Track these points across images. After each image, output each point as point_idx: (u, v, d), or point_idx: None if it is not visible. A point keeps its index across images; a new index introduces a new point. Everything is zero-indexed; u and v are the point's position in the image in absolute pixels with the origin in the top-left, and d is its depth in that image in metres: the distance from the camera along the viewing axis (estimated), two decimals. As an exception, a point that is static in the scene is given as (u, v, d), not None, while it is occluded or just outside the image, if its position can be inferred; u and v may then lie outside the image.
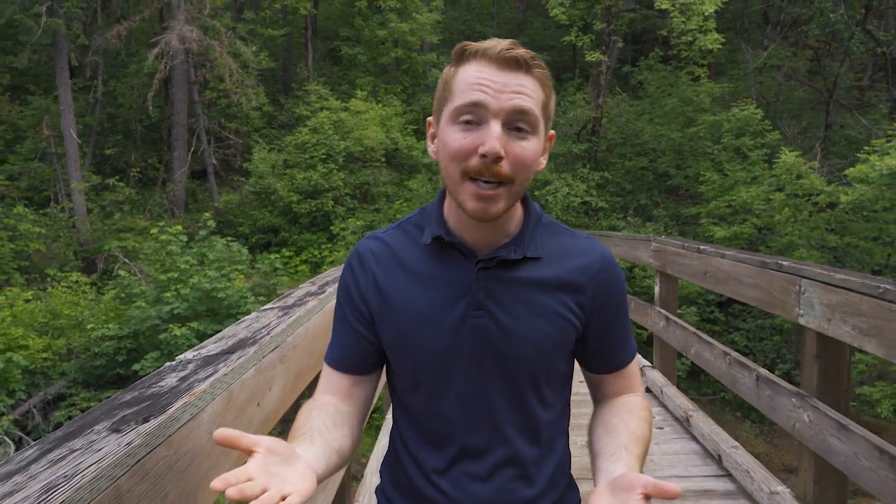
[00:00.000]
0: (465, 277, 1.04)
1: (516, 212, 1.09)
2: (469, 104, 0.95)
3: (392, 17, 17.45)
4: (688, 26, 11.76)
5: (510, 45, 0.96)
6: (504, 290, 1.04)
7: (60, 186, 14.23)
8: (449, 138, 0.97)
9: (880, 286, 1.63)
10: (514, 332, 1.03)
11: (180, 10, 14.11)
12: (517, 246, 1.05)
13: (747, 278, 2.43)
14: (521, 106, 0.95)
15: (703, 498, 2.42)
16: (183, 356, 1.19)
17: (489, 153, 0.93)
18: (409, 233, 1.12)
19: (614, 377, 1.16)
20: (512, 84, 0.95)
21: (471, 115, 0.96)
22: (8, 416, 9.08)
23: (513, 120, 0.95)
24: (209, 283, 9.96)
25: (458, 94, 0.97)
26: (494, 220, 1.01)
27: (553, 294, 1.05)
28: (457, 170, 0.97)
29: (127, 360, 9.96)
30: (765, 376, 2.32)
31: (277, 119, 18.16)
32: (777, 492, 2.16)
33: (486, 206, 0.96)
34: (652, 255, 3.80)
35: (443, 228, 1.06)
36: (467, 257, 1.05)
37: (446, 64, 12.69)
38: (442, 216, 1.09)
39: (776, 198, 11.14)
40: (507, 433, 1.05)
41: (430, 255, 1.07)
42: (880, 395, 9.42)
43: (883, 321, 1.61)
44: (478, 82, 0.95)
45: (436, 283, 1.05)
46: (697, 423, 2.89)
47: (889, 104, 14.16)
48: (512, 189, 0.98)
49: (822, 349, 1.98)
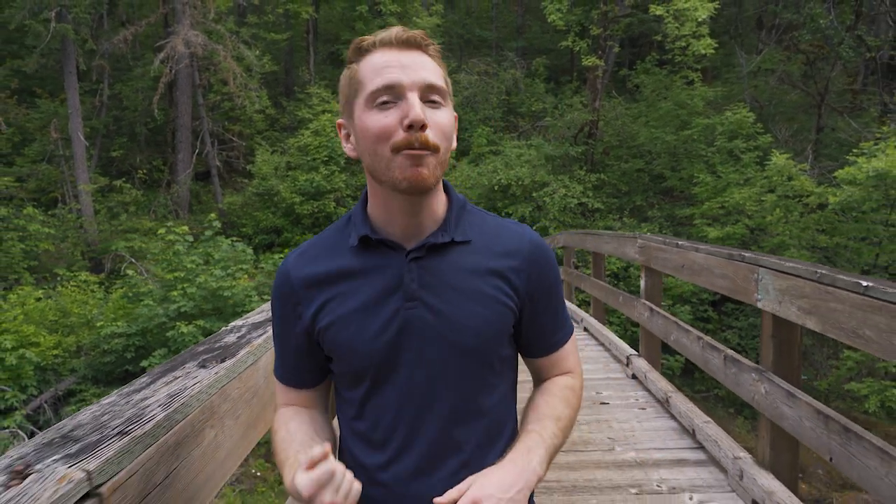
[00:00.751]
0: (397, 271, 1.04)
1: (440, 200, 1.09)
2: (383, 87, 0.97)
3: (393, 21, 17.75)
4: (681, 32, 12.04)
5: (403, 30, 1.01)
6: (436, 278, 1.04)
7: (68, 188, 14.51)
8: (370, 122, 0.98)
9: (818, 272, 1.91)
10: (450, 320, 1.02)
11: (185, 16, 14.39)
12: (444, 231, 1.06)
13: (717, 269, 2.72)
14: (430, 80, 0.98)
15: (677, 466, 2.71)
16: (234, 323, 1.47)
17: (415, 121, 0.94)
18: (335, 238, 1.11)
19: (550, 360, 1.17)
20: (416, 62, 0.99)
21: (387, 96, 0.97)
22: (21, 410, 9.29)
23: (426, 94, 0.98)
24: (215, 282, 10.20)
25: (368, 81, 0.99)
26: (425, 191, 1.00)
27: (486, 278, 1.05)
28: (385, 148, 0.97)
29: (135, 356, 10.15)
30: (731, 356, 2.60)
31: (280, 122, 18.45)
32: (740, 457, 2.45)
33: (418, 170, 0.96)
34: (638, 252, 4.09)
35: (368, 227, 1.06)
36: (396, 251, 1.05)
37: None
38: (366, 216, 1.09)
39: (768, 199, 11.39)
40: (451, 423, 1.04)
41: (359, 255, 1.06)
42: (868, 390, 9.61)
43: (820, 301, 1.89)
44: (385, 65, 0.97)
45: (367, 282, 1.04)
46: (676, 403, 3.18)
47: (879, 107, 14.44)
48: (438, 158, 0.99)
49: (776, 329, 2.26)
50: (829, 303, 1.83)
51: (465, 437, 1.05)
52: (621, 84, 18.32)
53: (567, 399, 1.13)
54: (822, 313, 1.87)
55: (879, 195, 9.74)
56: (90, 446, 0.74)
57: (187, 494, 0.93)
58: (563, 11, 13.74)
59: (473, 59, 20.27)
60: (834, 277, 1.81)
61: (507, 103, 19.05)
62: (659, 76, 15.88)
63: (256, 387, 1.23)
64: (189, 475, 0.93)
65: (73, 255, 13.50)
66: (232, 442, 1.09)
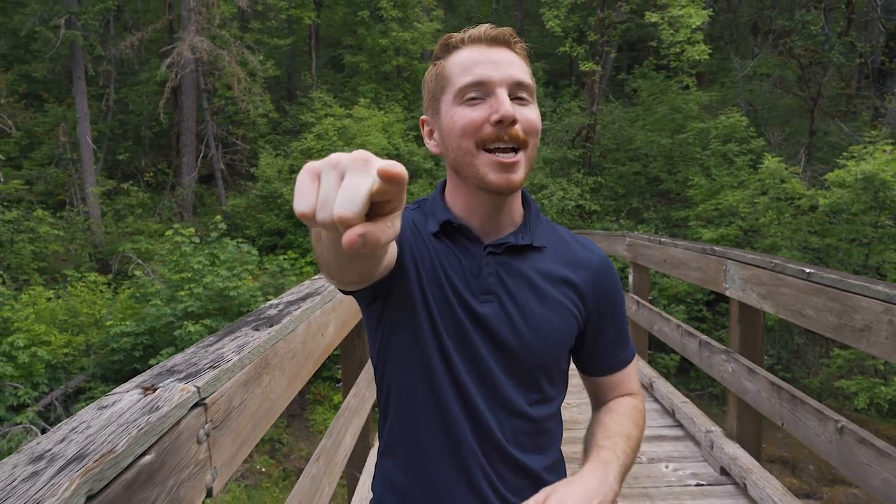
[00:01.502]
0: (474, 262, 1.04)
1: (518, 203, 1.10)
2: (472, 83, 0.97)
3: (394, 26, 18.06)
4: (676, 38, 12.33)
5: (492, 27, 1.01)
6: (511, 277, 1.04)
7: (76, 191, 14.80)
8: (457, 117, 0.98)
9: (773, 261, 2.20)
10: (522, 320, 1.02)
11: (191, 22, 14.69)
12: (524, 234, 1.07)
13: (693, 262, 3.00)
14: (519, 77, 0.98)
15: (656, 441, 3.00)
16: (271, 301, 1.75)
17: (505, 117, 0.94)
18: (419, 217, 1.11)
19: (612, 380, 1.15)
20: (505, 59, 0.99)
21: (475, 92, 0.97)
22: (33, 407, 9.52)
23: (514, 91, 0.98)
24: (222, 283, 10.46)
25: (457, 77, 0.99)
26: (514, 192, 1.01)
27: (557, 286, 1.06)
28: (470, 143, 0.97)
29: (143, 355, 10.38)
30: (705, 341, 2.89)
31: (282, 125, 18.74)
32: (711, 430, 2.73)
33: (508, 175, 0.96)
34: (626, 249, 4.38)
35: (450, 214, 1.06)
36: (474, 243, 1.05)
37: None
38: (445, 205, 1.09)
39: (761, 201, 11.67)
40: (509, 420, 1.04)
41: (436, 242, 1.06)
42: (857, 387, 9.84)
43: (773, 287, 2.17)
44: (474, 62, 0.98)
45: (445, 268, 1.04)
46: (658, 387, 3.47)
47: (871, 112, 14.73)
48: (527, 154, 0.99)
49: (742, 314, 2.55)
50: (781, 288, 2.11)
51: (517, 440, 1.04)
52: (619, 88, 18.61)
53: (635, 419, 1.10)
54: (775, 297, 2.16)
55: (868, 197, 10.01)
56: (191, 375, 1.03)
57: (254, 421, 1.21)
58: (560, 18, 14.05)
59: (473, 63, 20.49)
60: (784, 266, 2.09)
61: (507, 107, 19.30)
62: (656, 80, 16.18)
63: (296, 349, 1.51)
64: (254, 406, 1.21)
65: (81, 257, 13.78)
66: (280, 389, 1.37)
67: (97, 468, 0.70)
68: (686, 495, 2.40)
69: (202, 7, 15.00)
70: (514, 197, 1.07)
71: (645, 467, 2.68)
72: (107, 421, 0.83)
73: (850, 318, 1.68)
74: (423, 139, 1.09)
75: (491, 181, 0.97)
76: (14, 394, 9.48)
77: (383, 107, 17.87)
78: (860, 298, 1.63)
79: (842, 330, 1.75)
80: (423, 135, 1.09)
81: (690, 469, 2.62)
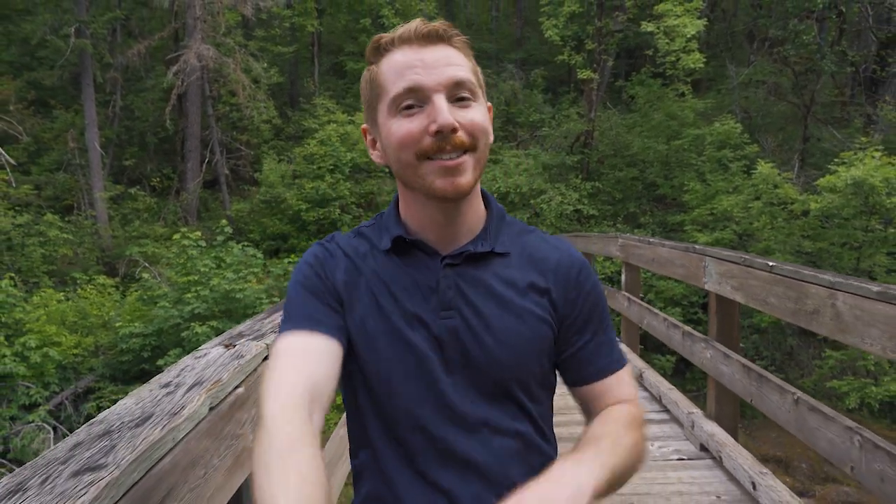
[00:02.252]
0: (431, 276, 0.98)
1: (478, 208, 1.04)
2: (405, 91, 0.91)
3: (396, 33, 18.36)
4: (671, 47, 12.64)
5: (423, 23, 0.93)
6: (473, 288, 0.98)
7: (83, 195, 15.09)
8: (394, 129, 0.92)
9: (743, 257, 2.48)
10: (487, 333, 0.96)
11: (197, 30, 14.99)
12: (483, 241, 1.01)
13: (677, 260, 3.29)
14: (457, 76, 0.92)
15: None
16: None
17: (443, 127, 0.88)
18: (368, 238, 1.05)
19: (596, 388, 1.04)
20: (440, 58, 0.92)
21: (410, 100, 0.91)
22: (44, 406, 9.75)
23: (454, 92, 0.92)
24: (228, 285, 10.70)
25: (390, 85, 0.93)
26: (463, 197, 0.95)
27: (524, 293, 0.99)
28: (410, 154, 0.92)
29: (151, 355, 10.57)
30: (687, 331, 3.18)
31: (285, 131, 19.04)
32: (692, 412, 3.01)
33: (453, 179, 0.91)
34: (619, 249, 4.67)
35: (402, 229, 1.01)
36: (431, 256, 1.00)
37: None
38: (399, 219, 1.03)
39: (754, 206, 11.94)
40: (481, 441, 0.97)
41: (390, 259, 1.01)
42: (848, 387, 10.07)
43: (744, 279, 2.45)
44: (406, 66, 0.91)
45: (400, 288, 0.98)
46: (647, 377, 3.76)
47: (864, 119, 15.03)
48: (476, 156, 0.94)
49: (719, 306, 2.83)
50: (749, 280, 2.38)
51: (493, 457, 0.96)
52: (617, 95, 18.92)
53: (626, 423, 0.96)
54: (745, 289, 2.43)
55: (858, 202, 10.27)
56: (258, 336, 1.30)
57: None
58: (559, 27, 14.37)
59: (473, 70, 20.82)
60: (752, 260, 2.37)
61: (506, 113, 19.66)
62: (653, 87, 16.49)
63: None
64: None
65: (89, 260, 14.05)
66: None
67: (214, 389, 0.98)
68: (668, 468, 2.67)
69: (208, 15, 15.32)
70: (470, 201, 1.00)
71: (632, 445, 2.96)
72: (206, 364, 1.11)
73: (804, 304, 1.95)
74: (369, 150, 1.05)
75: (437, 188, 0.92)
76: (26, 393, 9.70)
77: (385, 113, 18.14)
78: (810, 286, 1.90)
79: (797, 314, 2.02)
80: (367, 145, 1.05)
81: (674, 446, 2.89)
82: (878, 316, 1.56)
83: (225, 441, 1.00)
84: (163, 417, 0.85)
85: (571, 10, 14.31)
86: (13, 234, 12.42)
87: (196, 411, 0.90)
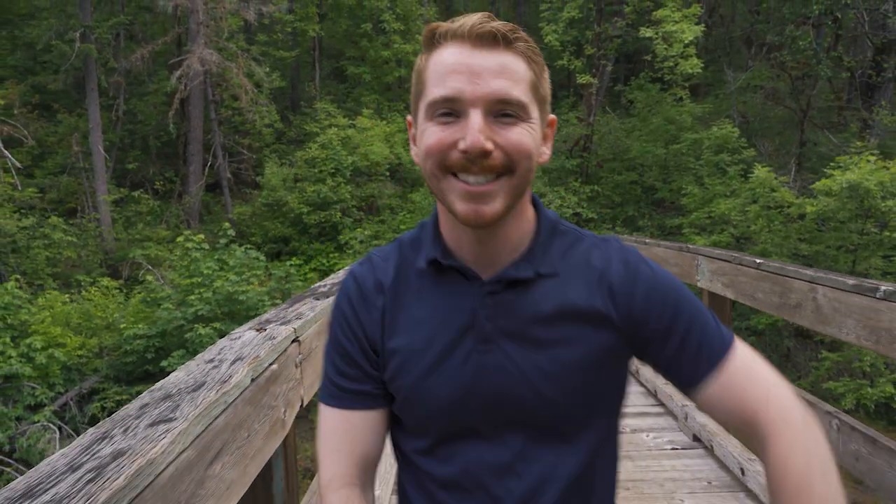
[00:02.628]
0: (468, 305, 0.89)
1: (525, 220, 0.92)
2: (442, 99, 0.82)
3: (396, 38, 18.56)
4: (670, 52, 12.80)
5: (483, 19, 0.83)
6: (515, 318, 0.88)
7: (87, 198, 15.23)
8: (427, 134, 0.84)
9: (732, 255, 2.62)
10: (531, 368, 0.87)
11: (200, 35, 15.15)
12: (528, 262, 0.89)
13: (672, 259, 3.43)
14: (502, 93, 0.81)
15: (640, 416, 3.42)
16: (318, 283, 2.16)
17: (471, 149, 0.79)
18: (406, 255, 0.98)
19: (718, 389, 0.87)
20: (491, 66, 0.81)
21: (447, 109, 0.82)
22: (49, 407, 9.84)
23: (496, 108, 0.81)
24: (231, 287, 10.82)
25: (431, 86, 0.84)
26: (491, 226, 0.85)
27: (576, 318, 0.88)
28: (436, 165, 0.83)
29: (155, 357, 10.66)
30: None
31: (286, 135, 19.19)
32: (686, 405, 3.14)
33: (477, 207, 0.81)
34: (617, 251, 4.83)
35: (438, 249, 0.92)
36: (470, 280, 0.90)
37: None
38: (437, 234, 0.94)
39: (751, 209, 12.08)
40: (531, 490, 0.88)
41: (428, 280, 0.93)
42: (844, 389, 10.17)
43: (734, 276, 2.58)
44: (451, 69, 0.82)
45: (437, 315, 0.91)
46: (643, 372, 3.89)
47: (860, 123, 15.19)
48: (512, 181, 0.83)
49: (711, 302, 2.96)
50: (739, 277, 2.52)
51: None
52: (616, 100, 19.10)
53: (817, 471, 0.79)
54: (735, 285, 2.57)
55: (853, 205, 10.40)
56: (285, 322, 1.44)
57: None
58: (558, 32, 14.54)
59: (473, 75, 20.99)
60: (741, 258, 2.51)
61: (506, 118, 19.77)
62: (652, 92, 16.65)
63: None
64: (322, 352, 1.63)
65: (92, 263, 14.18)
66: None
67: (254, 364, 1.11)
68: (663, 457, 2.81)
69: (210, 20, 15.48)
70: (508, 221, 0.88)
71: (627, 437, 3.10)
72: (242, 344, 1.24)
73: (788, 298, 2.08)
74: (410, 144, 0.97)
75: (458, 212, 0.83)
76: (32, 393, 9.80)
77: (385, 117, 18.34)
78: (793, 281, 2.03)
79: (782, 308, 2.15)
80: (409, 138, 0.96)
81: (668, 437, 3.03)
82: (853, 307, 1.69)
83: (263, 410, 1.13)
84: (214, 384, 0.99)
85: (571, 15, 14.49)
86: (18, 236, 12.55)
87: (241, 381, 1.04)
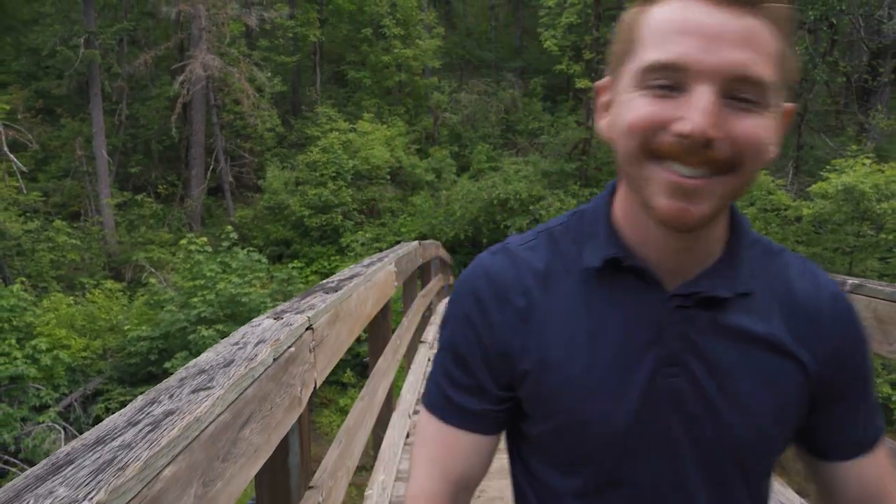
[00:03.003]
0: (651, 317, 0.73)
1: (722, 224, 0.75)
2: (661, 65, 0.63)
3: (396, 43, 18.73)
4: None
5: None
6: (708, 340, 0.73)
7: (90, 202, 15.38)
8: (630, 106, 0.66)
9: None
10: (723, 399, 0.72)
11: (202, 40, 15.30)
12: (725, 277, 0.73)
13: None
14: (745, 68, 0.62)
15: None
16: (327, 279, 2.29)
17: (693, 133, 0.61)
18: (563, 248, 0.79)
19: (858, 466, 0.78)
20: (734, 31, 0.62)
21: (664, 79, 0.64)
22: (54, 408, 9.94)
23: (732, 87, 0.62)
24: (234, 289, 10.93)
25: (649, 45, 0.65)
26: (693, 231, 0.68)
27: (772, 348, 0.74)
28: (639, 147, 0.66)
29: (158, 358, 10.75)
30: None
31: (288, 139, 19.34)
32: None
33: (682, 204, 0.64)
34: (613, 252, 4.94)
35: (618, 245, 0.74)
36: (652, 287, 0.73)
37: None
38: (611, 226, 0.77)
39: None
40: None
41: (592, 283, 0.75)
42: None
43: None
44: (679, 28, 0.63)
45: (607, 325, 0.74)
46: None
47: (856, 127, 15.35)
48: (734, 182, 0.65)
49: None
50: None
51: None
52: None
53: None
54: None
55: (849, 208, 10.54)
56: (299, 312, 1.56)
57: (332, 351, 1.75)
58: (557, 37, 14.71)
59: (473, 79, 21.26)
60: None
61: (506, 122, 20.00)
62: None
63: (352, 309, 2.06)
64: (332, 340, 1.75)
65: (95, 266, 14.31)
66: (345, 335, 1.92)
67: (275, 345, 1.24)
68: None
69: (213, 26, 15.63)
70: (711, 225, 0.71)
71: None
72: (263, 330, 1.36)
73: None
74: (595, 114, 0.78)
75: (656, 208, 0.66)
76: (37, 394, 9.89)
77: (386, 121, 18.49)
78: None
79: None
80: (596, 106, 0.77)
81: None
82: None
83: (283, 387, 1.26)
84: (242, 361, 1.11)
85: (569, 21, 14.67)
86: (23, 239, 12.69)
87: (265, 359, 1.16)
